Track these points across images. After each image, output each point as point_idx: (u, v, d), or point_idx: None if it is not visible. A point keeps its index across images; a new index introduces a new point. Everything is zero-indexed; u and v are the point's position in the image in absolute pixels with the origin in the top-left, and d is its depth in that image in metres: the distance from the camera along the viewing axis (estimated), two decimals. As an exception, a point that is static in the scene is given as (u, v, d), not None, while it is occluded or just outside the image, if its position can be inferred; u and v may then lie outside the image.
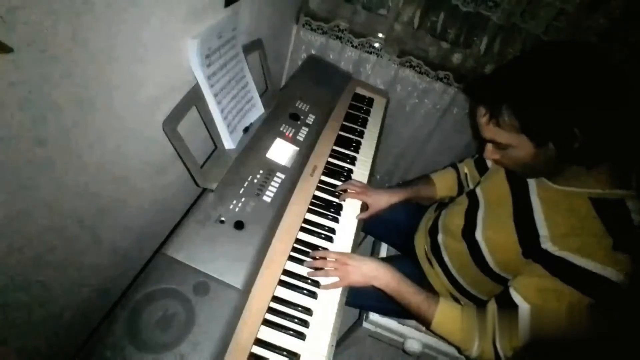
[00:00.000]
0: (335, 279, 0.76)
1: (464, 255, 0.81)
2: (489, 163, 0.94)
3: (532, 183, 0.74)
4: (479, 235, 0.78)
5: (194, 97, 0.74)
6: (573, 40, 1.04)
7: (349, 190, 0.94)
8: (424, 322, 0.74)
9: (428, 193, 1.03)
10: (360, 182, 0.98)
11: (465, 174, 1.02)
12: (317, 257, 0.78)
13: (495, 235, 0.76)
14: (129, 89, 0.60)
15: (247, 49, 0.92)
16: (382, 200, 0.94)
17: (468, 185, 1.02)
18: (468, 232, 0.81)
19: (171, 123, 0.68)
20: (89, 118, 0.55)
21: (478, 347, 0.68)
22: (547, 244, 0.64)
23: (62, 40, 0.44)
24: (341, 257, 0.77)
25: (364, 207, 0.95)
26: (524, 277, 0.67)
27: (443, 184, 1.04)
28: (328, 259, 0.78)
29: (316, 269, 0.77)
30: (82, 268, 0.71)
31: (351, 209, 0.93)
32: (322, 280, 0.76)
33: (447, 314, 0.72)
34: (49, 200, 0.55)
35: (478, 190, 0.87)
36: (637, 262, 0.57)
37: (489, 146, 0.70)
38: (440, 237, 0.90)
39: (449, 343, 0.74)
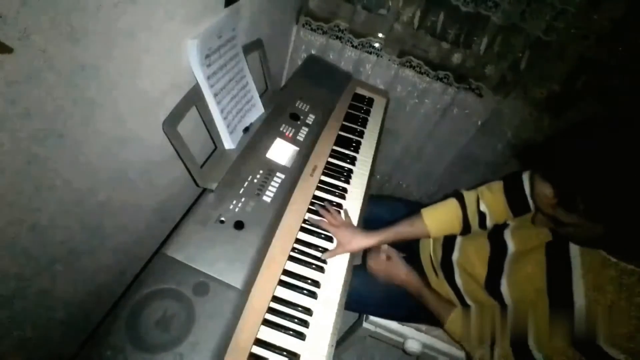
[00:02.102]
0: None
1: (482, 294, 0.77)
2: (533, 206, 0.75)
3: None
4: (504, 289, 0.72)
5: (194, 97, 0.74)
6: None
7: (325, 217, 0.85)
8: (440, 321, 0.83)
9: (415, 234, 0.86)
10: (342, 213, 0.89)
11: (483, 213, 0.82)
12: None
13: (522, 295, 0.69)
14: (129, 88, 0.60)
15: (247, 49, 0.92)
16: (353, 242, 0.81)
17: (485, 227, 0.83)
18: (491, 282, 0.75)
19: (171, 123, 0.68)
20: (88, 118, 0.55)
21: (481, 355, 0.73)
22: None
23: (62, 41, 0.44)
24: (388, 252, 0.88)
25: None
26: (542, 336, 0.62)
27: (439, 224, 0.85)
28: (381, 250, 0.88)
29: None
30: (82, 268, 0.71)
31: (351, 209, 0.92)
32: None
33: (456, 322, 0.80)
34: (48, 200, 0.55)
35: (507, 236, 0.77)
36: None
37: (543, 217, 0.61)
38: (455, 257, 0.85)
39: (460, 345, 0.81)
